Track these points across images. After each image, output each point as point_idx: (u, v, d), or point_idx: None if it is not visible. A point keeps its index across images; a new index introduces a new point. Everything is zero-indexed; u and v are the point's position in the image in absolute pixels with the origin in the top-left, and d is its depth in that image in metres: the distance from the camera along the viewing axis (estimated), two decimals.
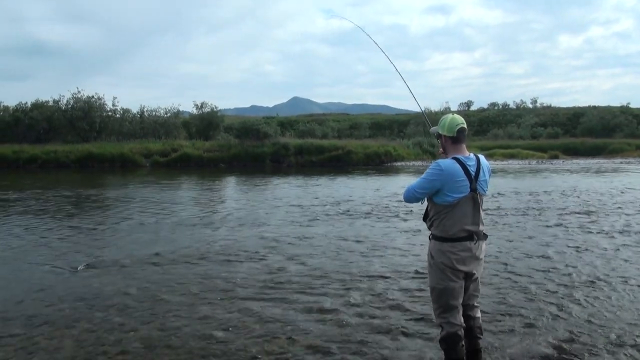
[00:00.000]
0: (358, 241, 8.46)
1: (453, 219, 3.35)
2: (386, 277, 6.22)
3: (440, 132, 3.49)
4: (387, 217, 10.93)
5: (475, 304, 3.61)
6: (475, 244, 3.38)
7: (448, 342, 3.43)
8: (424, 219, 3.60)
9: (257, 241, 8.53)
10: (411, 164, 33.08)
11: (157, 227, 10.03)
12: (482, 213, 3.44)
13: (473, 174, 3.36)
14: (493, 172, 3.75)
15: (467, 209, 3.36)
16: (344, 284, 5.98)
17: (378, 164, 33.33)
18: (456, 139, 3.43)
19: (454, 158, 3.39)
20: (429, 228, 3.53)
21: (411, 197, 3.47)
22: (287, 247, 8.07)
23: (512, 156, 38.24)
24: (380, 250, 7.77)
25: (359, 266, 6.80)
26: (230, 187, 19.90)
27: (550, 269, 6.52)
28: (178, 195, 16.12)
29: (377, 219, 10.81)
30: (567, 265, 6.70)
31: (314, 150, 34.26)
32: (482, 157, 3.49)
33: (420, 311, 4.98)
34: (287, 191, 17.10)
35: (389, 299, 5.39)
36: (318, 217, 11.03)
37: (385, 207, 12.54)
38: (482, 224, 3.45)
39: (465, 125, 3.44)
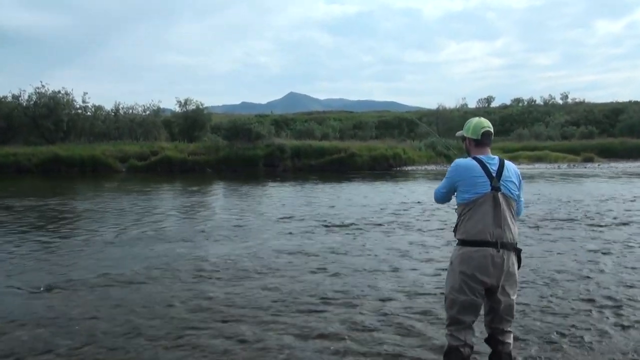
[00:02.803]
0: (365, 256, 8.41)
1: (474, 220, 3.52)
2: (398, 298, 6.15)
3: (465, 135, 3.78)
4: (398, 230, 10.88)
5: (507, 329, 3.66)
6: (498, 252, 3.46)
7: (449, 358, 3.56)
8: (454, 230, 3.79)
9: (248, 256, 8.47)
10: (423, 168, 33.11)
11: (134, 241, 9.97)
12: (510, 218, 3.55)
13: (494, 172, 3.56)
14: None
15: (488, 209, 3.50)
16: (348, 305, 5.92)
17: (386, 168, 33.34)
18: (480, 142, 3.70)
19: (473, 157, 3.65)
20: (455, 234, 3.72)
21: (438, 196, 3.88)
22: (282, 262, 8.01)
23: (539, 159, 38.25)
24: (391, 266, 7.70)
25: (365, 285, 6.73)
26: (218, 195, 19.85)
27: (585, 288, 6.45)
28: (158, 204, 16.07)
29: (387, 231, 10.76)
30: (603, 284, 6.64)
31: (313, 153, 34.32)
32: (508, 161, 3.72)
33: (438, 338, 4.91)
34: (283, 199, 17.06)
35: (400, 324, 5.32)
36: (318, 229, 10.98)
37: (396, 218, 12.50)
38: (510, 230, 3.54)
39: (491, 130, 3.72)
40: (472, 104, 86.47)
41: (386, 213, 13.27)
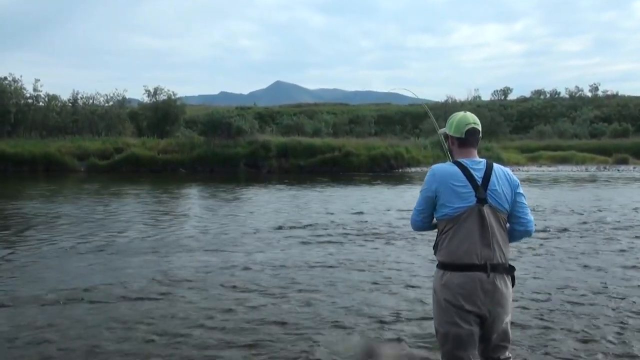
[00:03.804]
0: (359, 270, 8.44)
1: (457, 239, 3.40)
2: (399, 321, 6.16)
3: (447, 132, 3.67)
4: (400, 241, 10.92)
5: (504, 357, 3.57)
6: (488, 276, 3.36)
7: None
8: (434, 248, 3.66)
9: (224, 271, 8.46)
10: (429, 170, 33.22)
11: (93, 253, 9.92)
12: (500, 234, 3.44)
13: (479, 180, 3.44)
14: (536, 181, 3.78)
15: (473, 225, 3.39)
16: (340, 327, 5.91)
17: (386, 169, 33.39)
18: (464, 141, 3.58)
19: (454, 161, 3.54)
20: (435, 254, 3.58)
21: (415, 221, 3.65)
22: (264, 278, 8.00)
23: (563, 160, 38.41)
24: (390, 283, 7.72)
25: (360, 304, 6.74)
26: (192, 200, 19.81)
27: (609, 307, 6.50)
28: (122, 210, 16.01)
29: (384, 243, 10.79)
30: (626, 301, 6.69)
31: (303, 152, 34.31)
32: (498, 165, 3.58)
33: None
34: (267, 205, 17.06)
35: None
36: (306, 240, 10.99)
37: (398, 227, 12.53)
38: (501, 249, 3.43)
39: (478, 127, 3.59)
40: (486, 96, 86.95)
41: (387, 221, 13.31)
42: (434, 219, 3.58)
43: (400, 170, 33.56)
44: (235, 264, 8.93)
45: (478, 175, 3.43)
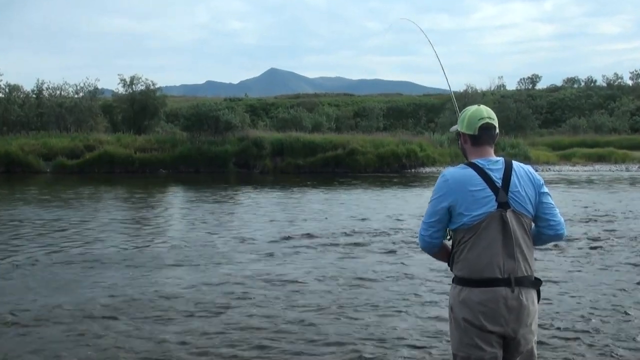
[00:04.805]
0: (366, 286, 8.45)
1: (477, 250, 3.35)
2: (412, 343, 6.18)
3: (459, 130, 3.63)
4: (409, 253, 10.91)
5: None
6: (513, 292, 3.32)
7: None
8: (449, 261, 3.62)
9: (211, 287, 8.46)
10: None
11: (60, 266, 9.91)
12: (524, 243, 3.41)
13: (498, 182, 3.39)
14: (569, 182, 3.73)
15: (495, 234, 3.35)
16: (345, 352, 5.94)
17: (397, 170, 33.33)
18: (478, 138, 3.53)
19: (468, 163, 3.49)
20: (451, 269, 3.54)
21: (424, 237, 3.55)
22: (256, 295, 8.00)
23: (600, 158, 38.32)
24: (401, 299, 7.74)
25: (368, 324, 6.76)
26: (174, 205, 19.79)
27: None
28: (93, 217, 16.01)
29: (395, 255, 10.79)
30: None
31: (301, 150, 34.25)
32: (518, 163, 3.53)
33: None
34: (260, 210, 17.05)
35: None
36: (304, 251, 11.01)
37: (410, 236, 12.53)
38: (526, 260, 3.40)
39: (493, 122, 3.53)
40: (511, 85, 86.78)
41: (395, 230, 13.34)
42: (448, 231, 3.51)
43: (413, 170, 33.49)
44: (224, 277, 8.93)
45: (496, 177, 3.38)
